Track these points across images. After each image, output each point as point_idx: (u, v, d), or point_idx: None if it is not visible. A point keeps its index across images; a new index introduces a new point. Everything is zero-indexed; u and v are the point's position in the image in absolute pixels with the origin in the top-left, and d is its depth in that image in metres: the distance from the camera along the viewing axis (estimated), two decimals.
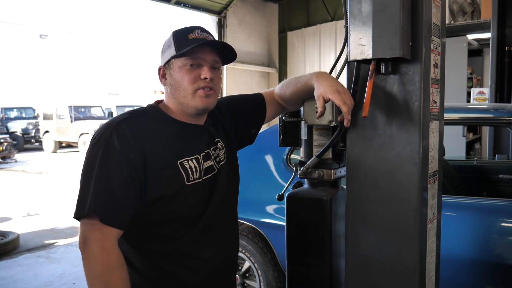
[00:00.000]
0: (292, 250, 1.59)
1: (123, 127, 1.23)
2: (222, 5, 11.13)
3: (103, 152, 1.20)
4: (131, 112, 1.32)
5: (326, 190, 1.56)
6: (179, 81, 1.31)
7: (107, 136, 1.21)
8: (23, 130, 17.59)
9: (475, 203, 2.49)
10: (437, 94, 1.43)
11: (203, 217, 1.34)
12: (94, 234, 1.16)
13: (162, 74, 1.37)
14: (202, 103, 1.32)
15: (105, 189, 1.18)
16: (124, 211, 1.20)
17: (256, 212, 2.87)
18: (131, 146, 1.21)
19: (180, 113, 1.36)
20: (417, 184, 1.33)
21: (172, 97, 1.35)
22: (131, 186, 1.20)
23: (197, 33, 1.32)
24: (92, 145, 1.23)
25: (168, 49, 1.34)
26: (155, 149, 1.25)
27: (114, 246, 1.19)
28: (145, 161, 1.22)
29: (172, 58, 1.32)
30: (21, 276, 4.15)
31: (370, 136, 1.38)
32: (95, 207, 1.16)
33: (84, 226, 1.18)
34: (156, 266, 1.31)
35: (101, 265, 1.16)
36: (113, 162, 1.19)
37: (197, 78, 1.31)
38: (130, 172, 1.20)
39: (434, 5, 1.36)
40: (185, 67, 1.31)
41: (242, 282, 3.07)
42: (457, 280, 2.31)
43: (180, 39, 1.31)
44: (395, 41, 1.23)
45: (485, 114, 2.72)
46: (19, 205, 7.38)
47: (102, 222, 1.16)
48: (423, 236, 1.37)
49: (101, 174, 1.18)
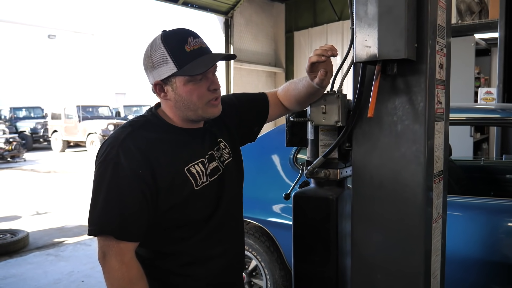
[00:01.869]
0: (298, 249, 1.61)
1: (129, 144, 1.23)
2: (229, 6, 11.14)
3: (112, 171, 1.21)
4: (133, 124, 1.31)
5: (332, 189, 1.57)
6: (187, 97, 1.28)
7: (114, 155, 1.22)
8: (31, 130, 17.74)
9: (481, 203, 2.49)
10: (442, 94, 1.45)
11: (213, 217, 1.36)
12: (112, 250, 1.20)
13: (160, 89, 1.30)
14: (214, 112, 1.34)
15: (118, 207, 1.20)
16: (138, 225, 1.23)
17: (262, 211, 2.89)
18: (139, 161, 1.22)
19: (180, 120, 1.35)
20: (422, 184, 1.34)
21: (177, 110, 1.32)
22: (143, 201, 1.22)
23: (192, 42, 1.26)
24: (100, 163, 1.24)
25: (163, 64, 1.25)
26: (162, 160, 1.26)
27: (132, 258, 1.22)
28: (154, 174, 1.23)
29: (174, 75, 1.26)
30: (31, 274, 4.20)
31: (376, 136, 1.40)
32: (108, 227, 1.19)
33: (101, 242, 1.21)
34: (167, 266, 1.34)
35: (122, 279, 1.19)
36: (123, 179, 1.20)
37: (205, 91, 1.29)
38: (141, 187, 1.21)
39: (439, 7, 1.38)
40: (192, 82, 1.27)
41: (249, 280, 3.10)
42: (464, 280, 2.32)
43: (177, 54, 1.24)
44: (400, 42, 1.25)
45: (492, 114, 2.72)
46: (28, 203, 7.46)
47: (117, 239, 1.19)
48: (428, 235, 1.39)
49: (112, 193, 1.20)
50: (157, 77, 1.28)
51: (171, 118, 1.36)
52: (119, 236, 1.19)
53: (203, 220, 1.34)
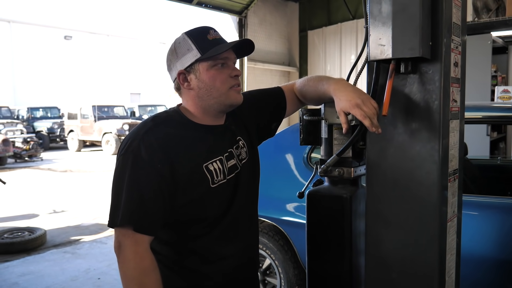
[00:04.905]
0: (312, 247, 1.61)
1: (150, 138, 1.26)
2: (242, 5, 11.16)
3: (132, 163, 1.24)
4: (155, 119, 1.35)
5: (346, 188, 1.57)
6: (211, 83, 1.32)
7: (135, 147, 1.25)
8: (48, 130, 18.00)
9: (497, 202, 2.47)
10: (458, 93, 1.44)
11: (227, 215, 1.37)
12: (128, 240, 1.22)
13: (183, 78, 1.35)
14: (236, 99, 1.36)
15: (137, 200, 1.22)
16: (155, 219, 1.25)
17: (277, 210, 2.90)
18: (159, 156, 1.25)
19: (202, 115, 1.38)
20: (437, 183, 1.34)
21: (199, 100, 1.35)
22: (160, 195, 1.24)
23: (213, 33, 1.34)
24: (121, 155, 1.27)
25: (187, 52, 1.32)
26: (181, 156, 1.28)
27: (147, 250, 1.25)
28: (173, 169, 1.26)
29: (197, 61, 1.32)
30: (49, 271, 4.28)
31: (390, 135, 1.40)
32: (128, 218, 1.22)
33: (118, 232, 1.24)
34: (181, 263, 1.36)
35: (135, 269, 1.22)
36: (142, 173, 1.24)
37: (228, 77, 1.34)
38: (159, 182, 1.24)
39: (455, 5, 1.37)
40: (215, 68, 1.32)
41: (263, 279, 3.11)
42: (480, 279, 2.30)
43: (200, 41, 1.32)
44: (415, 41, 1.25)
45: (509, 113, 2.69)
46: (46, 202, 7.59)
47: (135, 231, 1.22)
48: (443, 234, 1.38)
49: (132, 185, 1.23)
50: (181, 67, 1.34)
51: (193, 114, 1.39)
52: (136, 229, 1.22)
53: (218, 218, 1.36)
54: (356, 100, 1.31)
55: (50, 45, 27.53)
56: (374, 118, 1.29)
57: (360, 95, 1.33)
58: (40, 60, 26.82)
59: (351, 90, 1.37)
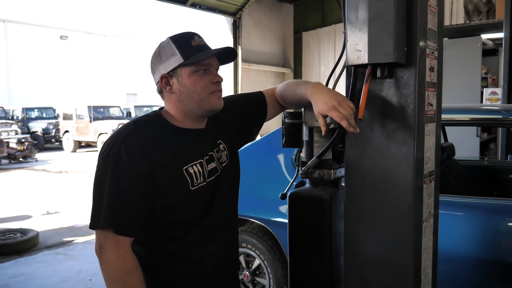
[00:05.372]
0: (294, 247, 1.65)
1: (131, 141, 1.29)
2: (237, 7, 11.20)
3: (113, 166, 1.27)
4: (136, 122, 1.38)
5: (326, 189, 1.61)
6: (192, 87, 1.36)
7: (116, 150, 1.28)
8: (43, 130, 17.95)
9: (482, 203, 2.51)
10: (434, 97, 1.48)
11: (206, 216, 1.41)
12: (109, 242, 1.26)
13: (165, 82, 1.39)
14: (216, 104, 1.40)
15: (118, 202, 1.25)
16: (136, 221, 1.28)
17: (265, 211, 2.94)
18: (139, 159, 1.27)
19: (183, 119, 1.41)
20: (412, 184, 1.38)
21: (180, 103, 1.39)
22: (141, 198, 1.28)
23: (197, 40, 1.38)
24: (103, 158, 1.29)
25: (171, 57, 1.36)
26: (162, 159, 1.31)
27: (128, 251, 1.28)
28: (153, 172, 1.29)
29: (180, 66, 1.35)
30: (40, 272, 4.29)
31: (368, 138, 1.43)
32: (109, 220, 1.24)
33: (99, 235, 1.27)
34: (161, 264, 1.39)
35: (118, 270, 1.26)
36: (123, 175, 1.27)
37: (209, 83, 1.37)
38: (140, 184, 1.27)
39: (430, 11, 1.41)
40: (197, 73, 1.36)
41: (252, 279, 3.14)
42: (465, 279, 2.34)
43: (184, 47, 1.35)
44: (390, 46, 1.29)
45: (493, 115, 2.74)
46: (39, 203, 7.59)
47: (116, 233, 1.25)
48: (418, 234, 1.42)
49: (113, 188, 1.26)
50: (164, 70, 1.37)
51: (174, 117, 1.42)
52: (117, 230, 1.25)
53: (197, 219, 1.39)
54: (333, 102, 1.35)
55: (45, 45, 27.45)
56: (351, 119, 1.33)
57: (336, 97, 1.37)
58: (35, 60, 26.73)
59: (327, 93, 1.41)
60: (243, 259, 3.19)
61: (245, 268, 3.18)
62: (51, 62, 27.46)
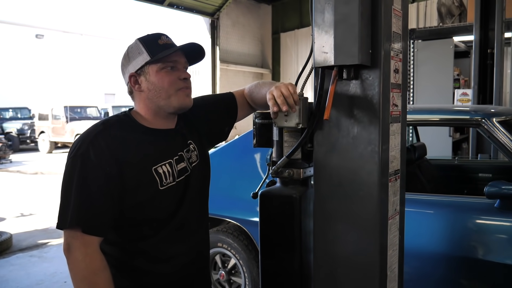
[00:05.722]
0: (264, 245, 1.67)
1: (99, 141, 1.30)
2: (215, 7, 11.20)
3: (81, 166, 1.28)
4: (105, 122, 1.39)
5: (296, 188, 1.64)
6: (159, 84, 1.38)
7: (84, 150, 1.29)
8: (18, 131, 17.62)
9: (451, 201, 2.59)
10: (399, 98, 1.52)
11: (176, 216, 1.42)
12: (77, 242, 1.26)
13: (134, 80, 1.41)
14: (184, 101, 1.42)
15: (85, 202, 1.26)
16: (104, 220, 1.29)
17: (240, 210, 2.96)
18: (107, 159, 1.29)
19: (152, 118, 1.43)
20: (377, 182, 1.42)
21: (149, 101, 1.41)
22: (109, 197, 1.29)
23: (164, 39, 1.41)
24: (71, 158, 1.31)
25: (138, 55, 1.39)
26: (130, 159, 1.33)
27: (96, 251, 1.29)
28: (121, 172, 1.30)
29: (147, 64, 1.38)
30: (13, 275, 4.23)
31: (335, 138, 1.47)
32: (76, 219, 1.25)
33: (67, 234, 1.28)
34: (132, 264, 1.40)
35: (85, 269, 1.26)
36: (91, 176, 1.27)
37: (176, 79, 1.40)
38: (108, 184, 1.28)
39: (394, 15, 1.45)
40: (164, 70, 1.38)
41: (228, 278, 3.16)
42: (434, 275, 2.40)
43: (150, 46, 1.38)
44: (354, 49, 1.32)
45: (453, 116, 2.82)
46: (14, 205, 7.45)
47: (83, 232, 1.26)
48: (384, 231, 1.46)
49: (81, 188, 1.27)
50: (132, 70, 1.40)
51: (144, 118, 1.43)
52: (85, 230, 1.26)
53: (167, 219, 1.41)
54: (278, 84, 1.43)
55: (21, 44, 26.90)
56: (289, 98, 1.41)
57: (287, 84, 1.45)
58: (10, 59, 26.16)
59: (283, 83, 1.47)
60: (219, 259, 3.21)
61: (221, 268, 3.19)
62: (26, 61, 26.91)
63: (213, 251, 3.17)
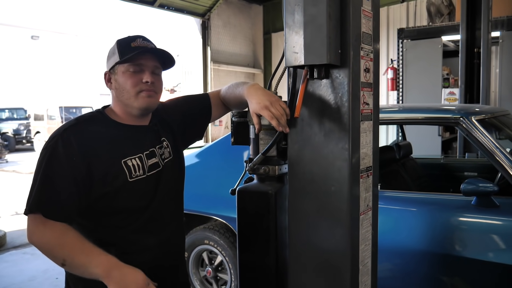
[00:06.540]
0: (242, 240, 1.71)
1: (68, 134, 1.37)
2: (205, 8, 11.21)
3: (49, 156, 1.34)
4: (78, 118, 1.46)
5: (272, 184, 1.67)
6: (123, 85, 1.45)
7: (54, 142, 1.36)
8: (14, 131, 17.64)
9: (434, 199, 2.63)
10: (370, 96, 1.56)
11: (148, 208, 1.47)
12: (39, 227, 1.31)
13: (108, 78, 1.51)
14: (144, 103, 1.46)
15: (48, 188, 1.32)
16: (66, 207, 1.34)
17: (226, 208, 3.00)
18: (75, 151, 1.35)
19: (125, 115, 1.50)
20: (348, 178, 1.46)
21: (117, 99, 1.49)
22: (73, 185, 1.33)
23: (139, 41, 1.46)
24: (42, 149, 1.38)
25: (112, 56, 1.48)
26: (99, 151, 1.39)
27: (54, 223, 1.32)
28: (89, 163, 1.36)
29: (116, 64, 1.45)
30: (6, 272, 4.27)
31: (307, 135, 1.51)
32: (36, 204, 1.31)
33: (29, 220, 1.34)
34: None
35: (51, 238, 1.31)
36: (56, 165, 1.34)
37: (139, 81, 1.45)
38: (73, 173, 1.33)
39: (364, 16, 1.49)
40: (128, 72, 1.45)
41: (215, 275, 3.21)
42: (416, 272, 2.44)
43: (123, 47, 1.45)
44: (323, 49, 1.36)
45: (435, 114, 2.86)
46: (9, 204, 7.48)
47: (44, 216, 1.31)
48: (355, 226, 1.50)
49: (45, 175, 1.33)
50: (107, 68, 1.51)
51: (117, 114, 1.50)
52: (46, 214, 1.31)
53: (138, 211, 1.46)
54: (265, 102, 1.44)
55: (16, 45, 26.89)
56: (282, 119, 1.42)
57: (269, 98, 1.46)
58: (6, 60, 26.16)
59: (261, 93, 1.49)
60: (206, 256, 3.26)
61: (208, 265, 3.24)
62: (22, 62, 26.91)
63: (200, 248, 3.21)
